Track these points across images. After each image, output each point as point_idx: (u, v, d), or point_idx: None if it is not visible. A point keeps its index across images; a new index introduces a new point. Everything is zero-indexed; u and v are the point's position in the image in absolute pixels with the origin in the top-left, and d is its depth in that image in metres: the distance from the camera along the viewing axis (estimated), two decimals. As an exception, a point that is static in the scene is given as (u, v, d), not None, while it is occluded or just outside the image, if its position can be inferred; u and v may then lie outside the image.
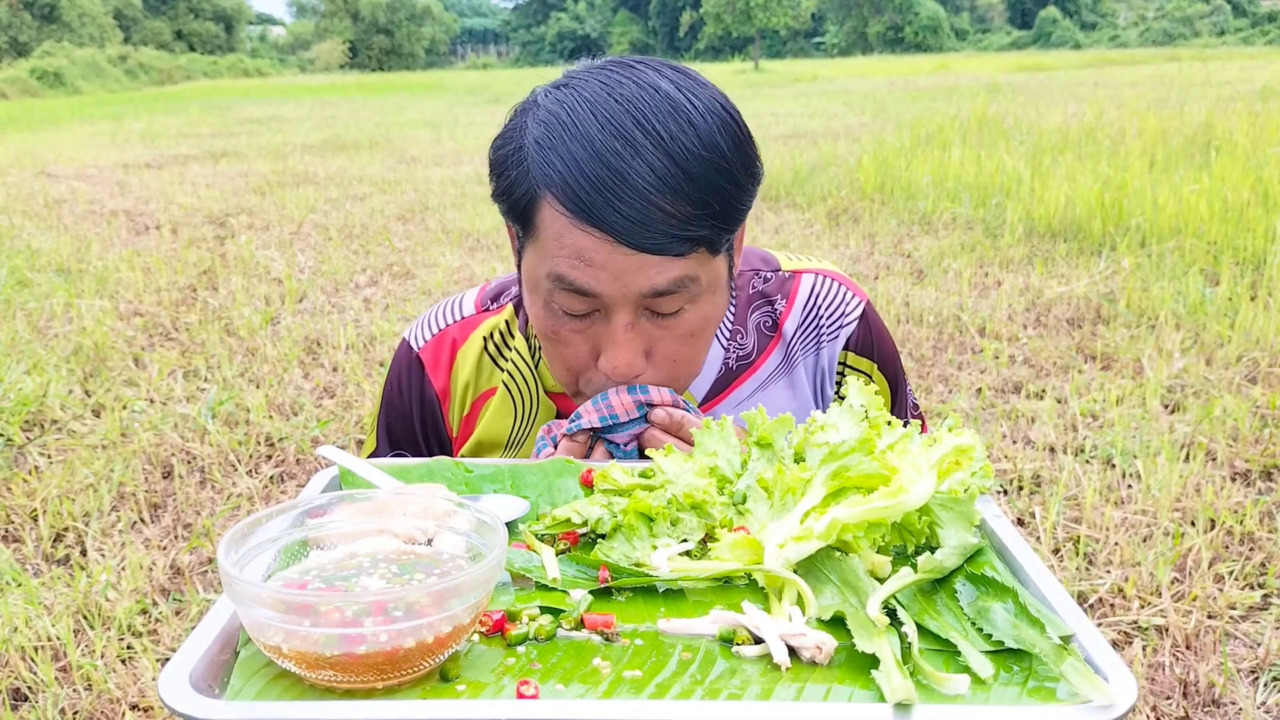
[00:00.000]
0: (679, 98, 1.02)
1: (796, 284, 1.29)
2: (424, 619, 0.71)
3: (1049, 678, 0.73)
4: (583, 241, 1.01)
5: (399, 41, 67.23)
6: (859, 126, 13.25)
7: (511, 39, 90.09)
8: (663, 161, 0.99)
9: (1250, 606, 2.52)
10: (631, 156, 0.98)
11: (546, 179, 1.01)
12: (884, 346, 1.33)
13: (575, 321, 1.08)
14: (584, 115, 1.01)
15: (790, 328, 1.29)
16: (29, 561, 2.88)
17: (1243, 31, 53.97)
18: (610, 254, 1.01)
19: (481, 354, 1.27)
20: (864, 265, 6.10)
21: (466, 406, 1.28)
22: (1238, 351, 4.18)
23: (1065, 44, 57.44)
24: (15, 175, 10.90)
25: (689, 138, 1.00)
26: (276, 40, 77.42)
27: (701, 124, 1.01)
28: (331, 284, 5.98)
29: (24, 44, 41.11)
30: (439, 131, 15.37)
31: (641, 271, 1.02)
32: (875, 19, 63.76)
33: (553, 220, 1.02)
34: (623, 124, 0.99)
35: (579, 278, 1.03)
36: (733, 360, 1.27)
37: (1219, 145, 8.43)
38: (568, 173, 0.99)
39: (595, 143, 0.99)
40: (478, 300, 1.31)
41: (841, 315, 1.29)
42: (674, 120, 1.00)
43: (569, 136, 1.00)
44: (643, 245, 1.00)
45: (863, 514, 0.85)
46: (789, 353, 1.29)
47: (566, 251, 1.02)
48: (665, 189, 0.99)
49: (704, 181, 1.00)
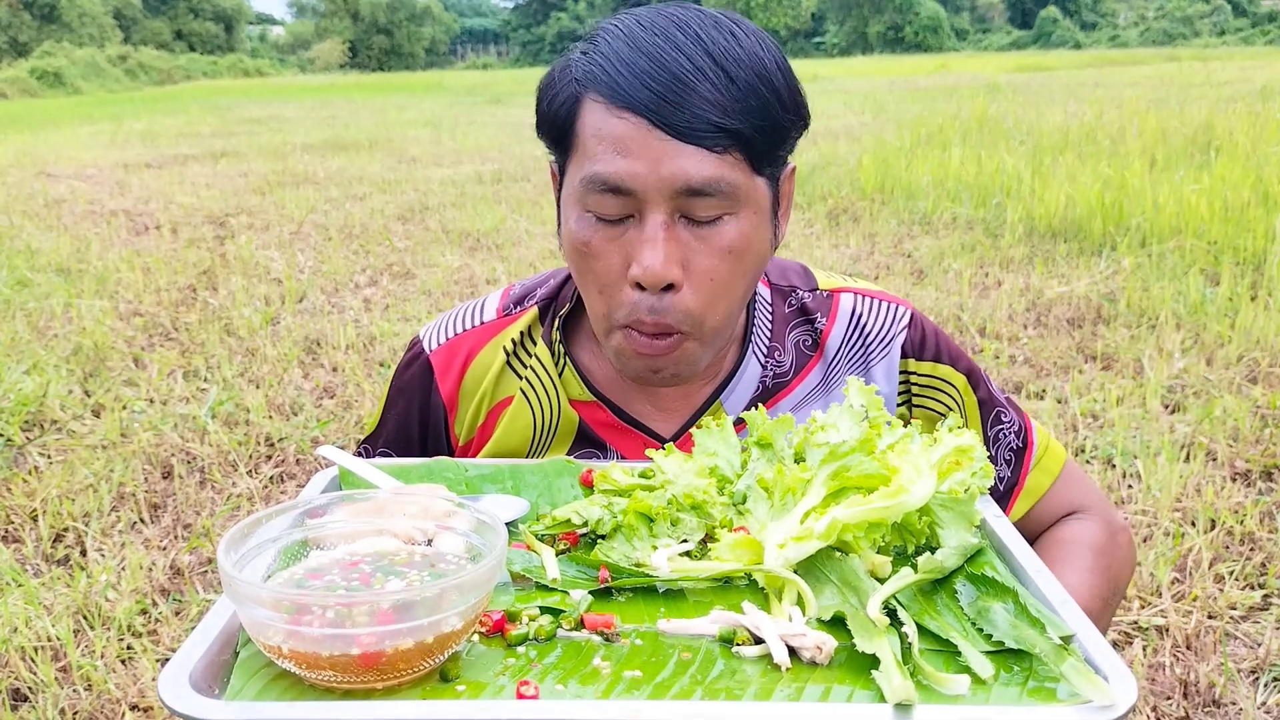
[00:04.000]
0: (726, 22, 1.05)
1: (836, 302, 1.25)
2: (423, 619, 0.71)
3: (1049, 678, 0.73)
4: (619, 129, 1.01)
5: (399, 41, 67.23)
6: (859, 126, 13.25)
7: (511, 39, 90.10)
8: (704, 58, 1.01)
9: (1251, 607, 2.52)
10: (673, 50, 1.01)
11: (588, 75, 1.04)
12: (945, 342, 1.27)
13: (609, 228, 1.05)
14: (629, 23, 1.05)
15: (833, 345, 1.24)
16: (29, 562, 2.88)
17: (1243, 31, 53.96)
18: (646, 138, 1.00)
19: (504, 366, 1.23)
20: (864, 265, 6.10)
21: (481, 416, 1.24)
22: (1238, 351, 4.18)
23: (1065, 44, 57.44)
24: (15, 175, 10.89)
25: (731, 45, 1.02)
26: (276, 40, 77.41)
27: (746, 41, 1.04)
28: (331, 284, 5.98)
29: (24, 44, 41.09)
30: (439, 131, 15.37)
31: (677, 160, 1.00)
32: (875, 19, 63.77)
33: (591, 115, 1.04)
34: (667, 28, 1.03)
35: (614, 170, 1.01)
36: (769, 379, 1.23)
37: (1219, 145, 8.43)
38: (609, 64, 1.02)
39: (639, 40, 1.02)
40: (500, 306, 1.27)
41: (890, 326, 1.25)
42: (718, 30, 1.03)
43: (612, 39, 1.04)
44: (677, 127, 1.00)
45: (863, 514, 0.85)
46: (829, 373, 1.24)
47: (604, 144, 1.02)
48: (704, 78, 1.00)
49: (744, 83, 1.01)
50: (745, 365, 1.22)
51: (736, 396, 1.22)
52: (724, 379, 1.22)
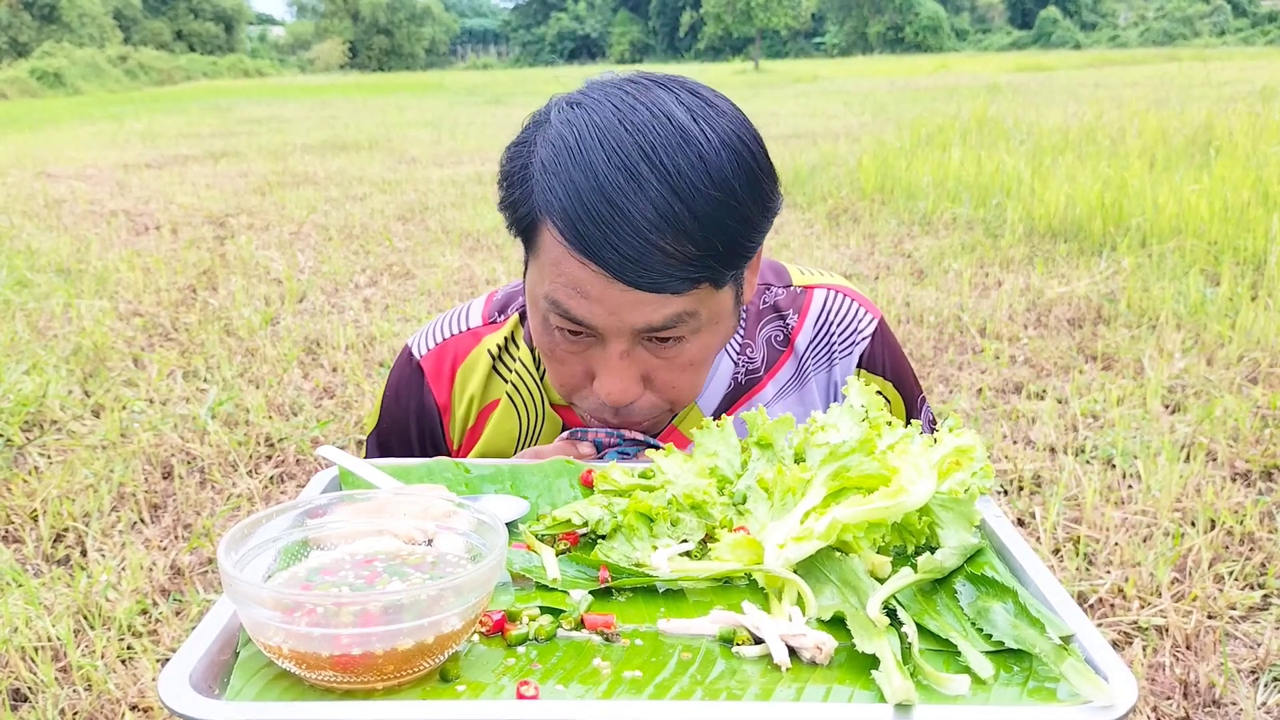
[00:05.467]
0: (693, 129, 0.98)
1: (809, 299, 1.27)
2: (424, 619, 0.71)
3: (1049, 678, 0.73)
4: (579, 273, 0.99)
5: (399, 41, 67.25)
6: (859, 126, 13.25)
7: (511, 39, 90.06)
8: (666, 199, 0.95)
9: (1250, 607, 2.52)
10: (634, 192, 0.95)
11: (548, 205, 0.99)
12: (898, 364, 1.31)
13: (572, 343, 1.06)
14: (590, 142, 0.97)
15: (803, 342, 1.26)
16: (29, 562, 2.88)
17: (1243, 31, 53.97)
18: (606, 288, 0.98)
19: (490, 370, 1.26)
20: (864, 265, 6.10)
21: (471, 419, 1.26)
22: (1238, 352, 4.18)
23: (1065, 44, 57.44)
24: (15, 175, 10.90)
25: (698, 174, 0.96)
26: (276, 40, 77.41)
27: (713, 159, 0.97)
28: (331, 284, 5.98)
29: (24, 44, 41.10)
30: (439, 131, 15.37)
31: (637, 308, 1.00)
32: (875, 19, 63.76)
33: (552, 246, 1.00)
34: (629, 156, 0.96)
35: (574, 308, 1.01)
36: (741, 375, 1.25)
37: (1219, 145, 8.43)
38: (568, 203, 0.97)
39: (599, 175, 0.96)
40: (484, 312, 1.29)
41: (855, 332, 1.27)
42: (683, 154, 0.96)
43: (574, 164, 0.97)
44: (638, 283, 0.97)
45: (863, 514, 0.85)
46: (801, 368, 1.26)
47: (563, 280, 1.01)
48: (666, 228, 0.95)
49: (710, 221, 0.97)
50: (718, 363, 1.24)
51: (709, 394, 1.24)
52: None
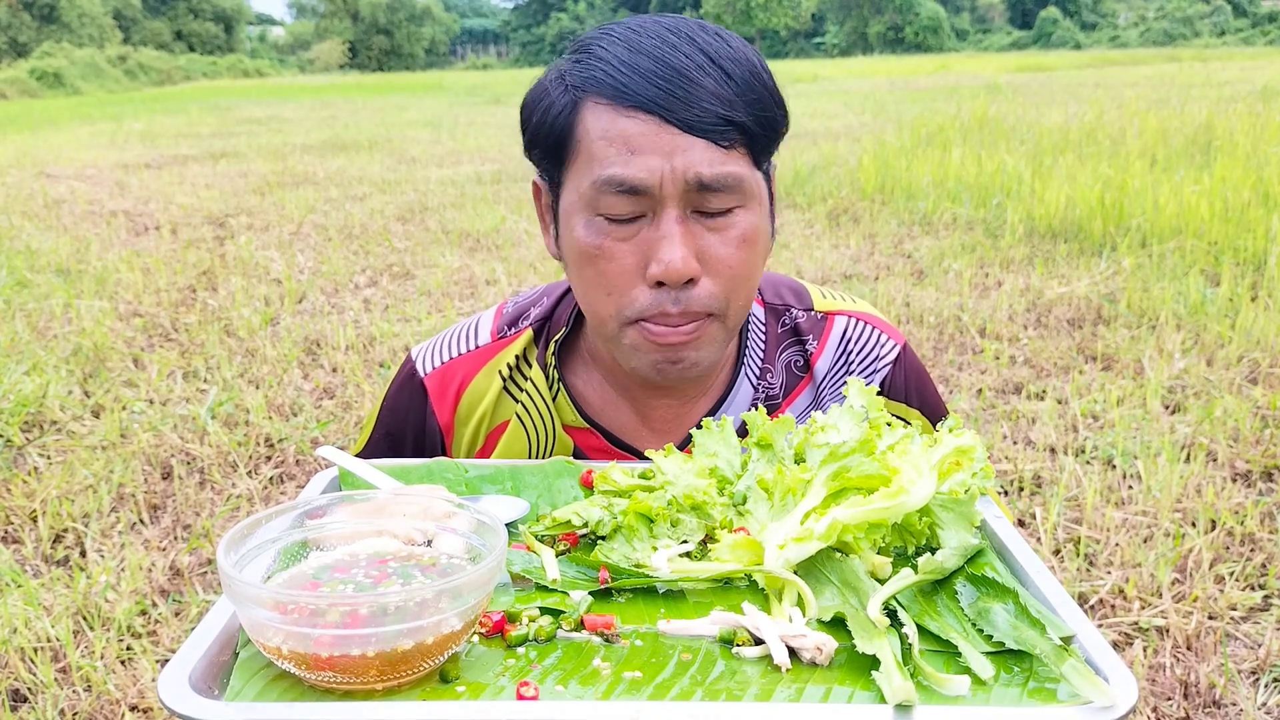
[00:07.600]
0: (710, 26, 1.08)
1: (830, 325, 1.26)
2: (423, 620, 0.71)
3: (1050, 679, 0.73)
4: (629, 128, 1.02)
5: (399, 42, 67.27)
6: (859, 126, 13.25)
7: (511, 39, 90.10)
8: (704, 51, 1.03)
9: (1251, 607, 2.52)
10: (671, 49, 1.03)
11: (589, 80, 1.04)
12: (923, 388, 1.28)
13: (621, 229, 1.05)
14: (621, 30, 1.07)
15: (822, 369, 1.25)
16: (28, 562, 2.88)
17: (1243, 31, 53.97)
18: (658, 135, 1.01)
19: (501, 391, 1.23)
20: (864, 265, 6.09)
21: (480, 440, 1.24)
22: (1238, 352, 4.18)
23: (1065, 44, 57.44)
24: (14, 175, 10.90)
25: (722, 45, 1.05)
26: (276, 41, 77.44)
27: (734, 41, 1.07)
28: (331, 284, 5.98)
29: (23, 44, 41.12)
30: (439, 132, 15.37)
31: (689, 154, 1.01)
32: (875, 19, 63.76)
33: (595, 119, 1.03)
34: (660, 32, 1.05)
35: (627, 170, 1.01)
36: (760, 399, 1.23)
37: (1219, 145, 8.43)
38: (610, 67, 1.03)
39: (635, 43, 1.04)
40: (494, 327, 1.26)
41: (876, 359, 1.25)
42: (706, 33, 1.06)
43: (608, 45, 1.05)
44: (688, 121, 1.01)
45: (863, 515, 0.85)
46: (819, 395, 1.25)
47: (613, 145, 1.02)
48: (707, 74, 1.02)
49: (742, 79, 1.04)
50: (738, 387, 1.23)
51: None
52: (717, 400, 1.23)
